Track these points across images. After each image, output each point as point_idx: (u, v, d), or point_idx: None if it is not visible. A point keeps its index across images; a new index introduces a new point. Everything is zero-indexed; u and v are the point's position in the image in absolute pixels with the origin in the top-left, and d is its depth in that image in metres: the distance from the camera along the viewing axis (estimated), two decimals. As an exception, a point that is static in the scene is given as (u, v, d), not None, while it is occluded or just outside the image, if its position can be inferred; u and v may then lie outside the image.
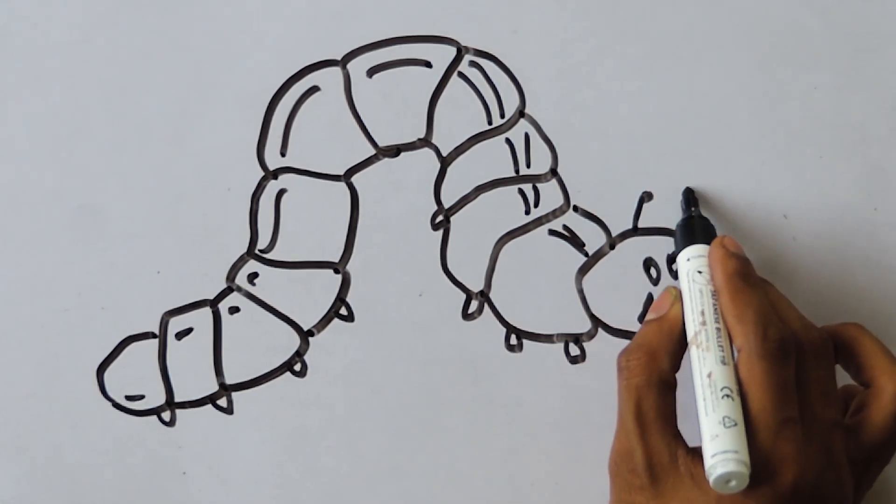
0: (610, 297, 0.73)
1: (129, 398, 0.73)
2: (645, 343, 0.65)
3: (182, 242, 0.73)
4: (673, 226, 0.72)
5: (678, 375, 0.64)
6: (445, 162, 0.73)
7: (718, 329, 0.63)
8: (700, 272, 0.65)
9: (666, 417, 0.62)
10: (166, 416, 0.73)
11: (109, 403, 0.73)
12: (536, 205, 0.73)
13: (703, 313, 0.63)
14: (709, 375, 0.61)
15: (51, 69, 0.75)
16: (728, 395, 0.60)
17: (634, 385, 0.63)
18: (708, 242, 0.67)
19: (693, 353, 0.63)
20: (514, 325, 0.73)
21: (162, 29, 0.75)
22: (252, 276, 0.73)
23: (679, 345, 0.65)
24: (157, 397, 0.73)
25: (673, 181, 0.73)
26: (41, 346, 0.73)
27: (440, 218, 0.73)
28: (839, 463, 0.61)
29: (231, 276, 0.73)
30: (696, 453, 0.61)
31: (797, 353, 0.62)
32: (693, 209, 0.71)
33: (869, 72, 0.74)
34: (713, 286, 0.64)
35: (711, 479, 0.58)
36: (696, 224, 0.69)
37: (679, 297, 0.66)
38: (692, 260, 0.66)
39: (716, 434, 0.59)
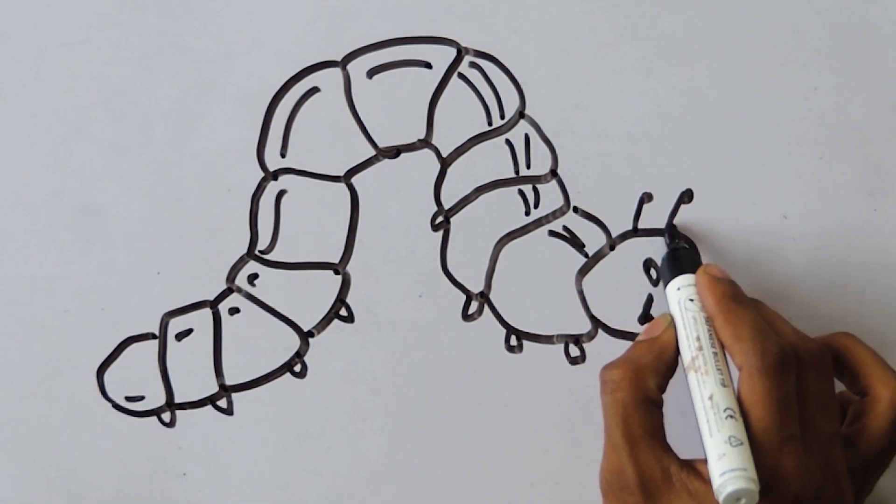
0: (610, 298, 0.73)
1: (129, 399, 0.73)
2: (632, 359, 0.64)
3: (182, 243, 0.73)
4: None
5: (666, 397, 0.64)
6: (445, 163, 0.73)
7: (715, 353, 0.63)
8: (691, 300, 0.65)
9: (654, 433, 0.62)
10: (166, 416, 0.73)
11: (109, 404, 0.73)
12: (536, 206, 0.73)
13: (698, 338, 0.63)
14: (710, 398, 0.61)
15: (51, 69, 0.75)
16: (731, 416, 0.60)
17: (620, 400, 0.62)
18: (694, 271, 0.67)
19: (692, 378, 0.63)
20: (515, 325, 0.73)
21: (162, 29, 0.75)
22: (252, 277, 0.73)
23: (667, 367, 0.64)
24: (157, 398, 0.73)
25: (673, 181, 0.73)
26: (41, 347, 0.73)
27: (440, 219, 0.73)
28: (839, 474, 0.61)
29: (231, 276, 0.73)
30: (691, 467, 0.61)
31: (796, 365, 0.62)
32: (677, 240, 0.71)
33: (869, 72, 0.74)
34: (705, 313, 0.64)
35: (722, 498, 0.58)
36: (681, 254, 0.69)
37: (673, 323, 0.66)
38: (682, 289, 0.66)
39: (723, 453, 0.59)
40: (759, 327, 0.62)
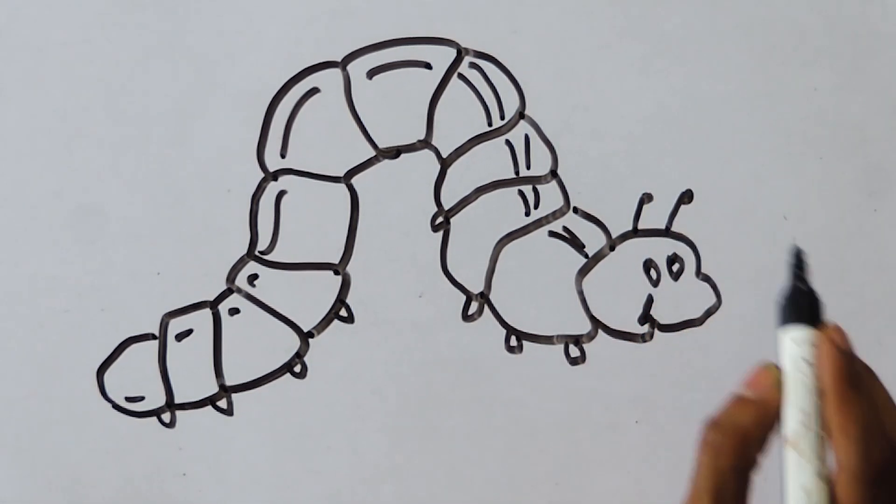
0: (610, 298, 0.73)
1: (129, 399, 0.73)
2: (739, 424, 0.60)
3: (182, 244, 0.73)
4: (672, 226, 0.72)
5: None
6: (445, 163, 0.73)
7: (820, 436, 0.59)
8: (805, 361, 0.61)
9: (743, 502, 0.60)
10: (166, 417, 0.73)
11: (109, 405, 0.73)
12: (536, 206, 0.73)
13: (805, 413, 0.60)
14: (805, 491, 0.59)
15: (51, 69, 0.75)
16: None
17: (720, 467, 0.59)
18: (815, 322, 0.60)
19: (790, 456, 0.59)
20: (515, 326, 0.73)
21: (162, 29, 0.75)
22: (252, 278, 0.73)
23: (771, 432, 0.61)
24: (157, 398, 0.73)
25: (673, 181, 0.73)
26: (41, 347, 0.73)
27: (440, 219, 0.73)
28: None
29: (231, 277, 0.73)
30: None
31: None
32: (802, 278, 0.64)
33: (869, 72, 0.74)
34: (818, 382, 0.61)
35: None
36: (805, 299, 0.61)
37: (781, 382, 0.61)
38: (799, 345, 0.61)
39: None
40: (870, 426, 0.58)
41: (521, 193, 0.73)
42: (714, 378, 0.72)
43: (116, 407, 0.73)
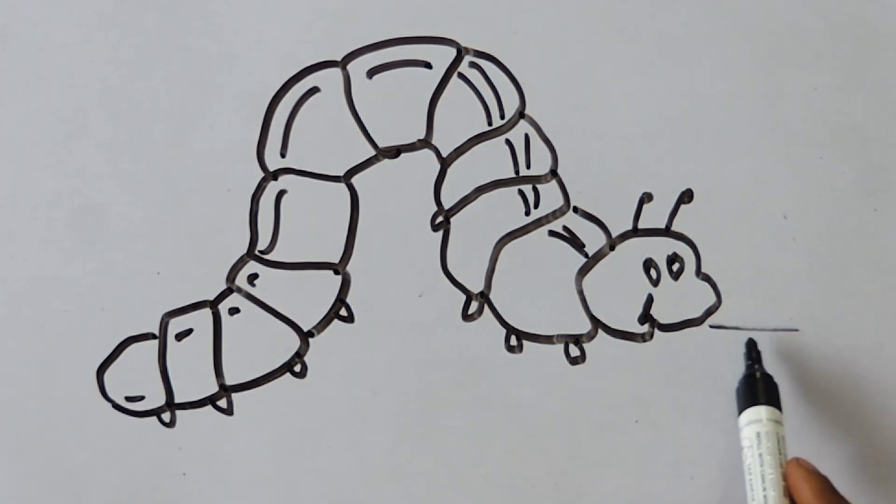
0: (610, 298, 0.73)
1: (129, 399, 0.73)
2: None
3: (182, 243, 0.73)
4: (672, 225, 0.72)
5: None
6: (445, 163, 0.74)
7: None
8: (759, 434, 0.67)
9: None
10: (166, 417, 0.73)
11: (109, 404, 0.73)
12: (536, 206, 0.73)
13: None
14: None
15: (51, 69, 0.75)
16: None
17: None
18: (771, 403, 0.68)
19: None
20: (515, 325, 0.73)
21: (162, 29, 0.75)
22: (252, 277, 0.73)
23: None
24: (157, 398, 0.73)
25: (673, 181, 0.73)
26: (41, 347, 0.73)
27: (440, 219, 0.73)
28: None
29: (231, 276, 0.73)
30: None
31: None
32: (756, 366, 0.70)
33: (869, 72, 0.74)
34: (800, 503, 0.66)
35: None
36: (759, 383, 0.70)
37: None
38: (752, 424, 0.68)
39: None
40: None
41: (521, 193, 0.73)
42: (714, 378, 0.72)
43: (116, 407, 0.73)
